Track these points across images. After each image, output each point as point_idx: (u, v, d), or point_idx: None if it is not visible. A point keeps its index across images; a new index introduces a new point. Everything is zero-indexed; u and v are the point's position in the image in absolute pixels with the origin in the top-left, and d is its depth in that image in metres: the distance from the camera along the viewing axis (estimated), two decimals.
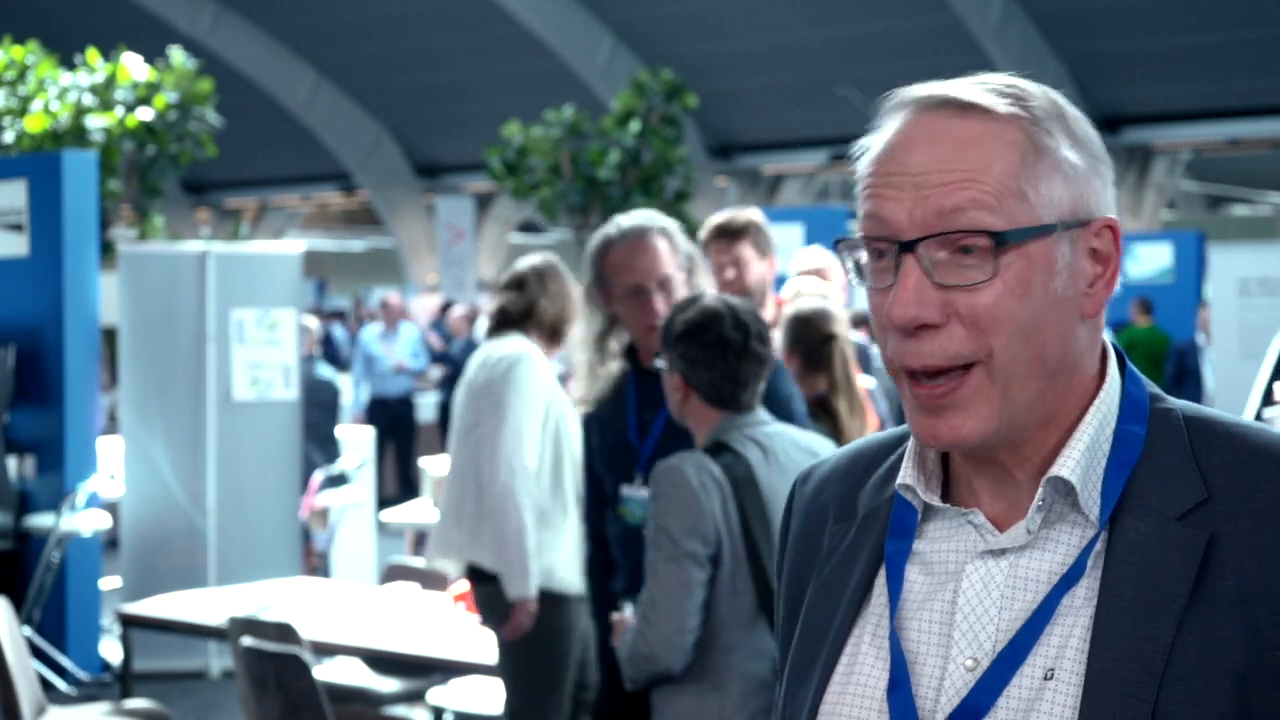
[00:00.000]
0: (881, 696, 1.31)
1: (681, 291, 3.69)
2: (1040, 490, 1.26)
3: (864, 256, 1.30)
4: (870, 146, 1.31)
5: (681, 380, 3.32)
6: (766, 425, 3.34)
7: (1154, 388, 1.33)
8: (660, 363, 3.41)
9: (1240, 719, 1.19)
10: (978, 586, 1.28)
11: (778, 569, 1.50)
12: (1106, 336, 1.35)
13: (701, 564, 3.18)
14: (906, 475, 1.33)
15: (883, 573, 1.35)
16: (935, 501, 1.32)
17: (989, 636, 1.27)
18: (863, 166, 1.31)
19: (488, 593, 4.61)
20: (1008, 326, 1.24)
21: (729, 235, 4.59)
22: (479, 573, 4.64)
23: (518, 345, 4.66)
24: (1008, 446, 1.29)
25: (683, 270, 3.76)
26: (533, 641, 4.54)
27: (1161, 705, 1.19)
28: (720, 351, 3.27)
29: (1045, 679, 1.24)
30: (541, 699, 4.54)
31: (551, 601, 4.57)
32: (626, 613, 3.43)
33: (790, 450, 3.31)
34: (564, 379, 5.19)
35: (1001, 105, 1.27)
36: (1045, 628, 1.25)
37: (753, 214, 4.73)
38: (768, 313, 4.58)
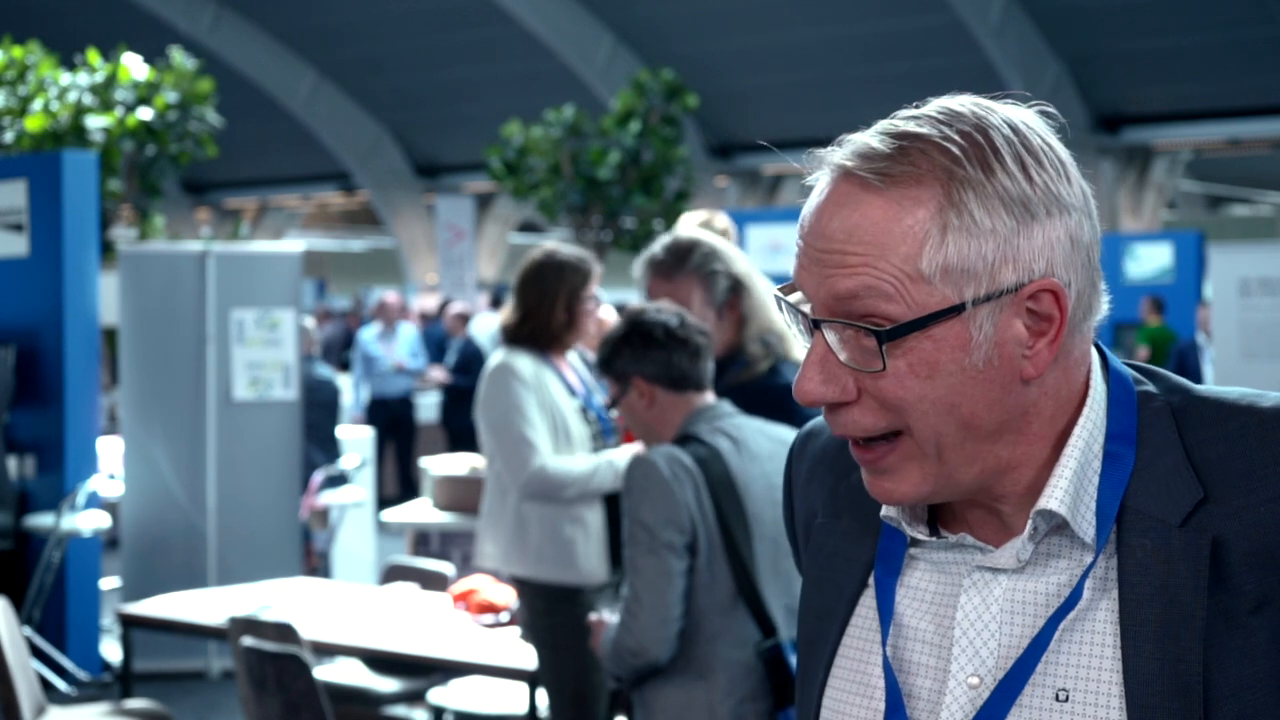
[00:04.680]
0: (874, 718, 1.30)
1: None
2: (1030, 522, 1.23)
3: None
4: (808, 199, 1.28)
5: (639, 382, 3.40)
6: (733, 417, 3.41)
7: (1143, 383, 1.29)
8: (609, 403, 3.51)
9: None
10: (975, 602, 1.26)
11: (786, 513, 1.50)
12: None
13: (679, 553, 3.22)
14: (889, 508, 1.30)
15: (871, 592, 1.34)
16: (921, 536, 1.30)
17: (990, 653, 1.25)
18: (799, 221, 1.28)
19: (530, 601, 4.65)
20: (919, 406, 1.21)
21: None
22: (522, 583, 4.68)
23: (495, 357, 4.76)
24: (974, 491, 1.26)
25: (708, 306, 3.82)
26: (561, 637, 4.56)
27: None
28: (653, 337, 3.39)
29: (1058, 700, 1.22)
30: (580, 696, 4.55)
31: (575, 597, 4.59)
32: (604, 614, 3.45)
33: (759, 439, 3.37)
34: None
35: (910, 177, 1.20)
36: (1049, 650, 1.23)
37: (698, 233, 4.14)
38: None
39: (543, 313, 4.71)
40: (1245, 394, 1.26)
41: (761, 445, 3.34)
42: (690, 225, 4.50)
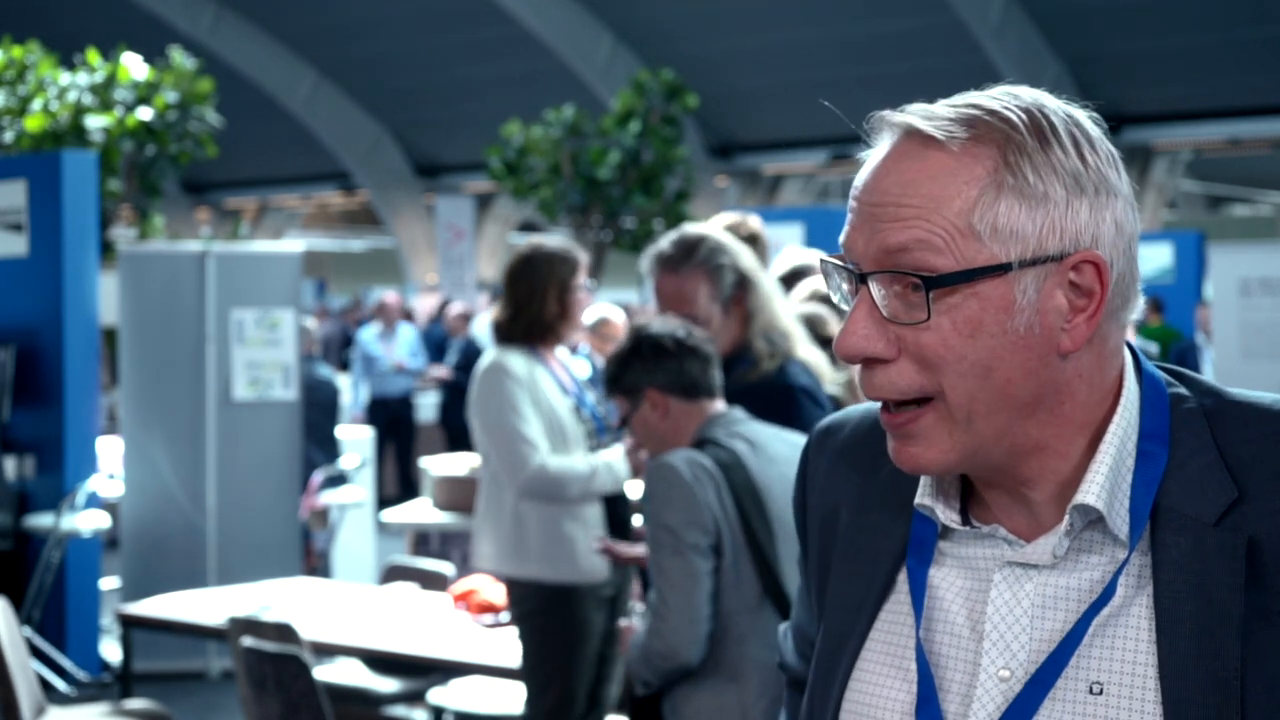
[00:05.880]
0: (904, 711, 1.31)
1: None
2: (1067, 517, 1.25)
3: (842, 278, 1.30)
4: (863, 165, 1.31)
5: (653, 393, 3.40)
6: (748, 423, 3.41)
7: (1174, 385, 1.31)
8: (620, 421, 3.51)
9: None
10: (1006, 597, 1.28)
11: (797, 505, 1.49)
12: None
13: (705, 554, 3.21)
14: (924, 494, 1.32)
15: (902, 584, 1.35)
16: (954, 524, 1.31)
17: (1022, 647, 1.26)
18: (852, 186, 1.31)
19: (520, 601, 4.65)
20: (957, 366, 1.23)
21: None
22: (514, 582, 4.69)
23: (486, 357, 4.76)
24: (1001, 472, 1.28)
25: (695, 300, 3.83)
26: (550, 637, 4.56)
27: None
28: (663, 347, 3.40)
29: (1091, 692, 1.23)
30: (558, 694, 4.55)
31: (567, 595, 4.59)
32: (634, 620, 3.44)
33: (776, 444, 3.37)
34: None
35: (971, 136, 1.24)
36: (1082, 645, 1.24)
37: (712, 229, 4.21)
38: None
39: (534, 306, 4.71)
40: (1279, 400, 1.28)
41: (779, 450, 3.34)
42: (718, 227, 4.50)
